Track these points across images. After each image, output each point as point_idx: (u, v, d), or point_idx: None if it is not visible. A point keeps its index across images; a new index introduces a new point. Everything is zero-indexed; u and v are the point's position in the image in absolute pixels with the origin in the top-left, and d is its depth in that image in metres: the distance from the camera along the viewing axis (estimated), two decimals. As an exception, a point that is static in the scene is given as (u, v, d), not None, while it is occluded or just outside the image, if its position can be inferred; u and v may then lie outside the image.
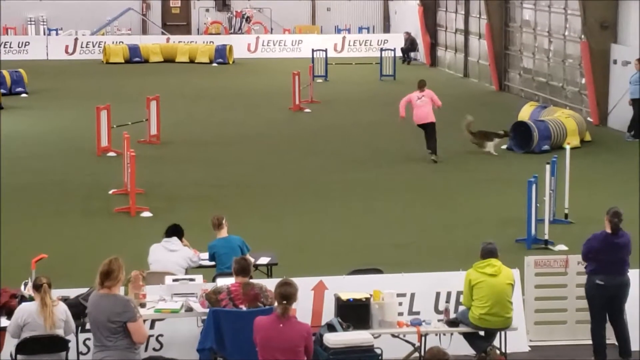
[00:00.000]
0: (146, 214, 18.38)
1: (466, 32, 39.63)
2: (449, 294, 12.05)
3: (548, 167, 16.68)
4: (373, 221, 18.18)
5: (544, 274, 12.48)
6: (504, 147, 24.58)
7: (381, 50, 40.02)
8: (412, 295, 12.01)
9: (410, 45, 44.52)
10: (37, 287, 10.03)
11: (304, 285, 11.19)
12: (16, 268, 13.90)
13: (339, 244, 16.73)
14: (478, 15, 38.17)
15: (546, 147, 24.20)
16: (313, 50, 38.93)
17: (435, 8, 43.01)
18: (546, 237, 16.21)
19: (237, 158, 23.92)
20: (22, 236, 16.93)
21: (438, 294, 12.07)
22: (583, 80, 29.42)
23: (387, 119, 28.71)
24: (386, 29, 50.54)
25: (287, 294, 9.18)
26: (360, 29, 49.60)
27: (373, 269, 12.67)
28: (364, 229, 17.60)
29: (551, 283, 12.53)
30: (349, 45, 46.76)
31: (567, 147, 18.20)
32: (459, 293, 11.85)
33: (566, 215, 17.67)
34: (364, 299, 11.04)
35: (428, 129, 23.04)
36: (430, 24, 43.04)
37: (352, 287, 11.52)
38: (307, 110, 30.99)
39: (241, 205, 19.07)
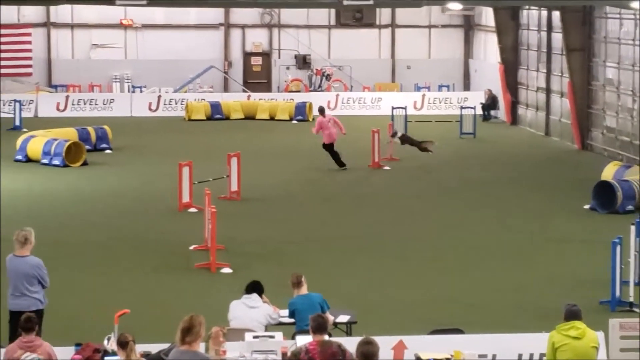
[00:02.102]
0: (226, 270, 18.45)
1: (548, 90, 39.38)
2: (531, 356, 11.86)
3: (633, 227, 16.40)
4: (451, 280, 18.02)
5: (630, 337, 12.23)
6: (587, 206, 24.26)
7: (461, 108, 39.93)
8: (494, 356, 11.85)
9: (492, 102, 44.37)
10: (122, 344, 10.09)
11: (384, 344, 11.09)
12: (98, 323, 14.02)
13: (418, 302, 16.61)
14: (560, 74, 37.93)
15: (630, 207, 23.83)
16: (393, 108, 38.94)
17: (516, 66, 42.86)
18: (631, 299, 15.91)
19: (316, 215, 23.95)
20: (104, 291, 17.09)
21: (520, 356, 11.89)
22: (667, 140, 29.00)
23: (466, 177, 28.61)
24: (466, 86, 50.46)
25: (369, 353, 9.09)
26: (440, 87, 49.59)
27: (454, 329, 12.54)
28: (441, 288, 17.45)
29: (637, 347, 12.26)
30: (428, 102, 46.72)
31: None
32: (541, 355, 11.66)
33: (651, 277, 17.33)
34: (445, 360, 10.92)
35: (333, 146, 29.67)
36: (511, 81, 42.87)
37: (433, 347, 11.42)
38: (386, 167, 30.96)
39: (321, 263, 19.05)
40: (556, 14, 37.25)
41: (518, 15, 42.32)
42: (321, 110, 31.01)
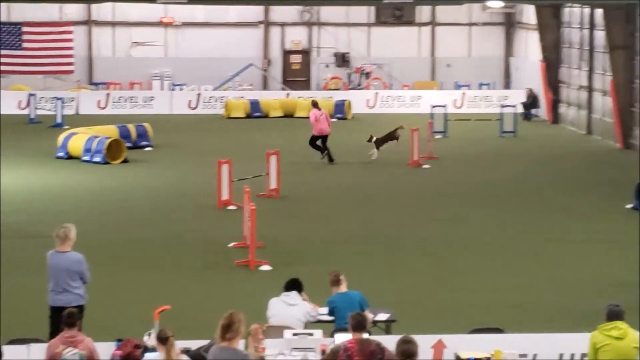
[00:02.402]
0: (265, 267, 18.47)
1: (590, 89, 39.10)
2: (572, 356, 11.77)
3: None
4: (491, 280, 17.93)
5: (672, 337, 12.08)
6: (629, 206, 24.05)
7: (501, 106, 39.74)
8: (535, 356, 11.77)
9: (532, 101, 44.11)
10: (162, 339, 10.12)
11: (423, 343, 11.05)
12: (138, 319, 14.09)
13: (457, 302, 16.54)
14: (602, 72, 37.64)
15: (672, 207, 23.61)
16: (432, 106, 38.83)
17: (557, 64, 42.59)
18: (673, 299, 15.75)
19: (355, 214, 23.92)
20: (144, 288, 17.17)
21: (561, 356, 11.80)
22: None
23: (506, 176, 28.47)
24: (507, 85, 50.20)
25: (409, 352, 9.06)
26: (480, 85, 49.37)
27: (494, 328, 12.47)
28: (481, 288, 17.37)
29: (679, 347, 12.12)
30: (468, 101, 46.54)
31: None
32: (583, 355, 11.57)
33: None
34: (485, 359, 10.85)
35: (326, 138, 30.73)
36: (553, 80, 42.61)
37: (473, 347, 11.36)
38: (426, 166, 30.87)
39: (359, 261, 19.02)
40: (599, 11, 36.97)
41: (560, 13, 42.05)
42: (314, 104, 31.85)
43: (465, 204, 25.03)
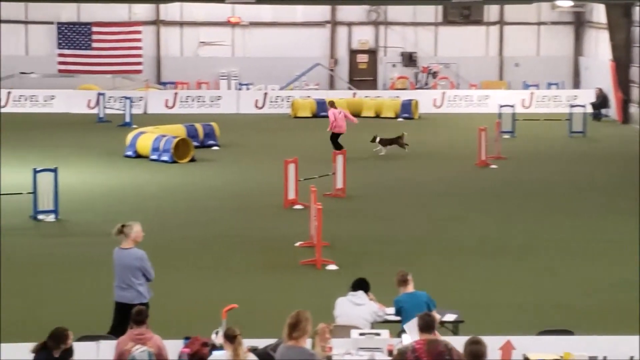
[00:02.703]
0: (332, 267, 18.47)
1: (661, 89, 38.57)
2: (643, 359, 11.61)
3: None
4: (560, 281, 17.74)
5: None
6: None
7: (571, 106, 39.33)
8: (605, 358, 11.61)
9: (602, 102, 43.60)
10: (230, 338, 10.15)
11: (491, 344, 10.93)
12: (205, 317, 14.16)
13: (525, 302, 16.39)
14: (673, 71, 37.10)
15: None
16: (500, 106, 38.55)
17: (628, 64, 42.05)
18: None
19: (422, 213, 23.83)
20: (212, 286, 17.25)
21: (631, 358, 11.62)
22: None
23: (575, 177, 28.17)
24: (576, 84, 49.69)
25: (477, 353, 9.00)
26: (549, 85, 48.92)
27: (563, 329, 12.33)
28: (550, 289, 17.19)
29: None
30: (537, 100, 46.14)
31: None
32: (654, 358, 11.40)
33: None
34: (554, 361, 10.74)
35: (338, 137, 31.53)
36: (623, 79, 42.07)
37: (542, 348, 11.25)
38: (493, 166, 30.66)
39: (427, 262, 18.94)
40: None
41: (630, 12, 41.50)
42: (332, 104, 33.02)
43: (533, 205, 24.80)
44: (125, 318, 13.03)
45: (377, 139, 32.85)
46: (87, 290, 16.84)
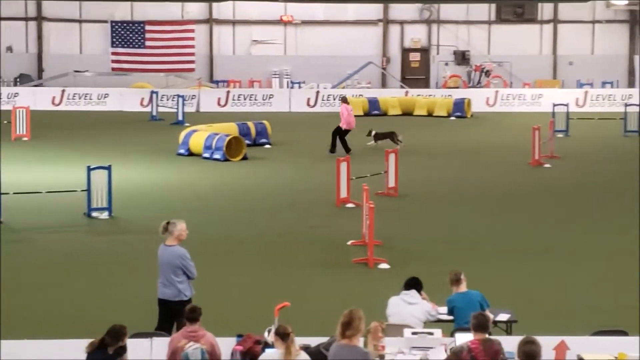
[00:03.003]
0: (384, 265, 18.43)
1: None
2: (701, 361, 11.44)
3: None
4: (614, 281, 17.56)
5: None
6: None
7: (625, 105, 38.94)
8: (661, 360, 11.47)
9: (657, 100, 43.14)
10: (282, 335, 10.16)
11: (545, 344, 10.84)
12: (258, 315, 14.19)
13: (579, 302, 16.25)
14: None
15: None
16: (554, 105, 38.30)
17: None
18: None
19: (474, 213, 23.70)
20: (264, 284, 17.28)
21: (688, 360, 11.47)
22: None
23: (629, 177, 27.86)
24: (631, 83, 49.22)
25: (531, 353, 8.94)
26: (603, 84, 48.50)
27: (618, 330, 12.20)
28: (604, 290, 17.02)
29: None
30: (591, 99, 45.77)
31: None
32: None
33: None
34: (609, 362, 10.63)
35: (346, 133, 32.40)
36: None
37: (596, 349, 11.13)
38: (547, 165, 30.44)
39: (479, 261, 18.83)
40: None
41: (686, 10, 41.03)
42: (344, 99, 34.19)
43: (587, 204, 24.58)
44: (167, 315, 13.11)
45: (373, 133, 33.83)
46: (139, 287, 16.94)
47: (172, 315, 13.05)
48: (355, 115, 43.68)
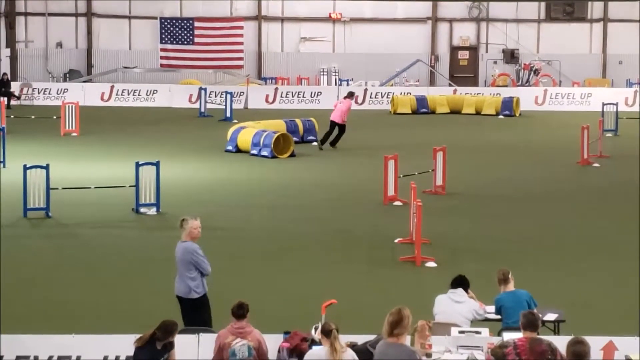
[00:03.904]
0: (431, 264, 18.38)
1: None
2: None
3: None
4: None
5: None
6: None
7: (677, 104, 38.58)
8: None
9: None
10: (326, 332, 10.17)
11: (593, 344, 10.76)
12: (305, 312, 14.21)
13: (628, 303, 16.10)
14: None
15: None
16: (603, 104, 38.00)
17: None
18: None
19: (522, 213, 23.57)
20: (311, 282, 17.31)
21: None
22: None
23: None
24: (683, 82, 48.72)
25: (580, 353, 8.89)
26: (653, 83, 48.04)
27: (668, 332, 12.09)
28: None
29: None
30: (641, 99, 45.35)
31: None
32: None
33: None
34: (659, 364, 10.53)
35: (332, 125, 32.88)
36: None
37: (646, 351, 11.03)
38: (596, 165, 30.21)
39: (526, 261, 18.72)
40: None
41: None
42: (351, 94, 34.73)
43: (637, 204, 24.34)
44: (184, 310, 13.13)
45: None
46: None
47: (184, 312, 13.08)
48: (402, 113, 43.79)
